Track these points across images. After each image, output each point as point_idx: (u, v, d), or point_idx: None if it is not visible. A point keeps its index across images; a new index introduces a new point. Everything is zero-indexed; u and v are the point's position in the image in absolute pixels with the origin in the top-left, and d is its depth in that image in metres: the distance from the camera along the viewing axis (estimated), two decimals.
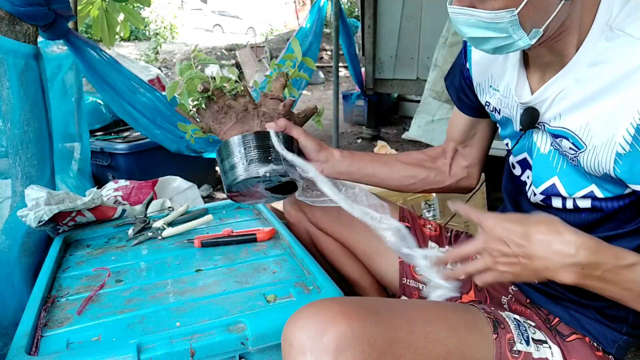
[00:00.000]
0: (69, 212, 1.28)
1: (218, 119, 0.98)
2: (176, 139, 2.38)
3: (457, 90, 1.02)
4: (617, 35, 0.68)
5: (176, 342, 0.80)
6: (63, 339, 0.84)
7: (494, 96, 0.91)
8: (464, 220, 1.81)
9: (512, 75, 0.84)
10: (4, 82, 1.30)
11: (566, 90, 0.74)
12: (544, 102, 0.77)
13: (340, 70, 5.63)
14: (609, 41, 0.69)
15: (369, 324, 0.66)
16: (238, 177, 0.94)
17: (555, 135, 0.77)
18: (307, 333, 0.64)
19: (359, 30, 5.10)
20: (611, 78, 0.68)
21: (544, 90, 0.76)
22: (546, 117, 0.78)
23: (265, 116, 0.99)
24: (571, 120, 0.74)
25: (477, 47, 0.75)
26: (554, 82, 0.75)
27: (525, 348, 0.77)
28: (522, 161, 0.89)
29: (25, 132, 1.33)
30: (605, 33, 0.69)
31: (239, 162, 0.94)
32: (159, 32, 10.36)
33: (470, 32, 0.72)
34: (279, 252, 1.15)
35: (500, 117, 0.92)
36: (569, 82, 0.73)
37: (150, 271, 1.09)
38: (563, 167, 0.79)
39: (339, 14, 3.55)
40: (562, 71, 0.74)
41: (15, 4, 1.27)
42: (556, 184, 0.80)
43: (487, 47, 0.73)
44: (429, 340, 0.70)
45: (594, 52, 0.70)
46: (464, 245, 0.73)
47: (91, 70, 1.96)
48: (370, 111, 4.43)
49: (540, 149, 0.82)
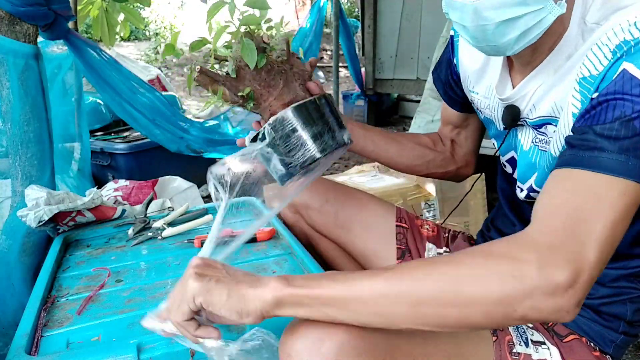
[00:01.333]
0: (69, 212, 1.28)
1: (267, 81, 0.81)
2: (176, 139, 2.38)
3: (444, 84, 1.03)
4: (590, 29, 0.69)
5: (176, 342, 0.80)
6: (63, 339, 0.84)
7: (474, 98, 0.93)
8: (463, 220, 1.81)
9: (494, 75, 0.85)
10: (4, 82, 1.30)
11: (545, 84, 0.75)
12: (524, 98, 0.78)
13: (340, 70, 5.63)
14: (584, 36, 0.70)
15: (369, 332, 0.64)
16: (328, 147, 0.79)
17: (539, 125, 0.78)
18: (305, 343, 0.62)
19: (359, 30, 5.11)
20: (573, 63, 0.70)
21: (524, 85, 0.77)
22: (525, 113, 0.79)
23: (297, 77, 0.86)
24: (543, 106, 0.76)
25: (500, 40, 0.68)
26: (533, 76, 0.76)
27: (524, 350, 0.77)
28: (510, 160, 0.90)
29: (25, 132, 1.33)
30: (581, 27, 0.70)
31: (324, 129, 0.80)
32: (159, 32, 10.35)
33: (499, 15, 0.64)
34: (279, 252, 1.15)
35: (484, 117, 0.94)
36: (548, 75, 0.74)
37: (150, 271, 1.09)
38: (540, 163, 0.80)
39: (339, 14, 3.55)
40: (541, 66, 0.75)
41: (15, 4, 1.27)
42: (537, 179, 0.82)
43: (513, 35, 0.67)
44: (428, 347, 0.70)
45: (571, 46, 0.71)
46: None
47: (91, 70, 1.96)
48: (370, 111, 4.43)
49: (524, 146, 0.84)
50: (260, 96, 0.82)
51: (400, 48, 3.80)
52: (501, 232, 0.95)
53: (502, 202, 0.96)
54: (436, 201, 1.82)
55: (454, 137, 1.10)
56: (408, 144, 1.08)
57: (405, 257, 1.06)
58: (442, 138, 1.12)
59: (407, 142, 1.09)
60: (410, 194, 1.75)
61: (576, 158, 0.61)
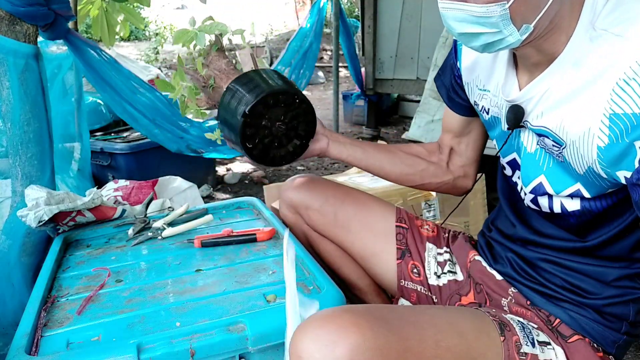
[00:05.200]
0: (69, 212, 1.28)
1: (228, 69, 1.04)
2: (176, 139, 2.38)
3: (447, 90, 1.02)
4: (599, 34, 0.68)
5: (176, 342, 0.80)
6: (63, 339, 0.84)
7: (483, 97, 0.92)
8: (463, 220, 1.81)
9: (501, 74, 0.85)
10: (4, 82, 1.30)
11: (551, 89, 0.74)
12: (530, 101, 0.78)
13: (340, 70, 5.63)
14: (592, 41, 0.69)
15: (381, 334, 0.64)
16: (274, 87, 0.95)
17: (538, 134, 0.78)
18: (317, 345, 0.61)
19: (359, 30, 5.10)
20: (588, 76, 0.69)
21: (530, 88, 0.77)
22: (530, 116, 0.79)
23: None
24: (549, 118, 0.75)
25: (467, 45, 0.75)
26: (540, 80, 0.75)
27: (531, 350, 0.77)
28: (511, 162, 0.90)
29: (25, 132, 1.33)
30: (589, 32, 0.69)
31: (271, 80, 0.98)
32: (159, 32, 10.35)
33: (460, 27, 0.71)
34: (279, 252, 1.15)
35: (489, 117, 0.92)
36: (554, 81, 0.74)
37: (150, 271, 1.09)
38: (550, 165, 0.80)
39: (339, 14, 3.55)
40: (548, 70, 0.74)
41: (15, 4, 1.27)
42: (543, 182, 0.81)
43: (477, 44, 0.72)
44: (439, 349, 0.70)
45: (579, 51, 0.70)
46: None
47: (91, 70, 1.96)
48: (370, 111, 4.43)
49: (527, 148, 0.83)
50: (220, 80, 1.04)
51: (400, 48, 3.80)
52: (502, 232, 0.95)
53: (503, 203, 0.96)
54: (436, 201, 1.82)
55: (454, 146, 1.09)
56: (400, 154, 1.09)
57: (405, 257, 1.06)
58: (442, 147, 1.10)
59: (398, 151, 1.09)
60: (410, 194, 1.75)
61: None
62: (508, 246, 0.93)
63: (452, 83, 1.00)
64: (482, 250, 0.99)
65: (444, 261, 1.05)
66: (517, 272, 0.90)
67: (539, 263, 0.86)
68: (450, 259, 1.05)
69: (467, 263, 1.00)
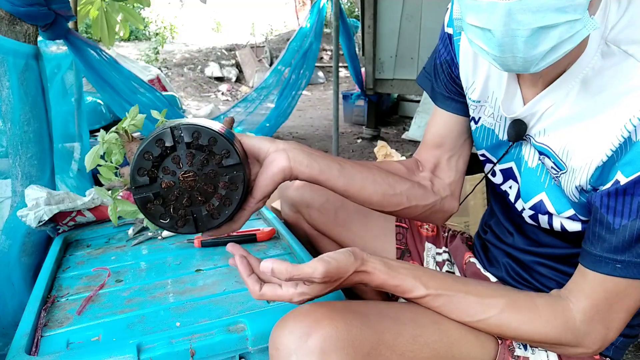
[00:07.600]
0: (69, 212, 1.28)
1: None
2: None
3: (444, 90, 0.91)
4: (612, 51, 0.64)
5: (176, 342, 0.80)
6: (63, 339, 0.84)
7: (477, 106, 0.85)
8: (463, 220, 1.81)
9: (499, 84, 0.78)
10: (4, 82, 1.30)
11: (555, 105, 0.69)
12: (534, 116, 0.73)
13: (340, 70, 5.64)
14: (604, 58, 0.64)
15: (354, 326, 0.66)
16: (148, 137, 0.66)
17: (540, 152, 0.75)
18: (293, 336, 0.65)
19: (359, 30, 5.11)
20: (597, 99, 0.64)
21: (534, 103, 0.72)
22: (533, 131, 0.74)
23: None
24: (553, 138, 0.71)
25: (529, 52, 0.57)
26: (544, 95, 0.70)
27: (523, 353, 0.77)
28: (506, 170, 0.84)
29: (25, 132, 1.33)
30: (601, 47, 0.64)
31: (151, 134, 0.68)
32: (159, 32, 10.36)
33: (536, 19, 0.54)
34: (279, 252, 1.15)
35: (478, 127, 0.86)
36: (560, 97, 0.69)
37: (150, 271, 1.09)
38: (551, 184, 0.75)
39: (339, 14, 3.55)
40: (554, 84, 0.68)
41: (15, 4, 1.27)
42: (544, 200, 0.77)
43: (544, 47, 0.57)
44: (417, 344, 0.70)
45: (588, 67, 0.65)
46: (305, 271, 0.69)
47: (91, 70, 1.96)
48: (370, 111, 4.43)
49: (528, 162, 0.78)
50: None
51: (400, 48, 3.80)
52: (499, 238, 0.94)
53: (495, 208, 0.93)
54: None
55: (441, 161, 0.93)
56: (375, 169, 0.86)
57: (404, 257, 1.06)
58: (422, 164, 0.94)
59: (374, 167, 0.87)
60: None
61: (621, 270, 0.66)
62: (505, 251, 0.92)
63: (450, 81, 0.90)
64: (478, 252, 0.99)
65: (442, 261, 1.05)
66: (512, 277, 0.89)
67: (535, 267, 0.86)
68: (449, 259, 1.05)
69: (463, 264, 0.99)
